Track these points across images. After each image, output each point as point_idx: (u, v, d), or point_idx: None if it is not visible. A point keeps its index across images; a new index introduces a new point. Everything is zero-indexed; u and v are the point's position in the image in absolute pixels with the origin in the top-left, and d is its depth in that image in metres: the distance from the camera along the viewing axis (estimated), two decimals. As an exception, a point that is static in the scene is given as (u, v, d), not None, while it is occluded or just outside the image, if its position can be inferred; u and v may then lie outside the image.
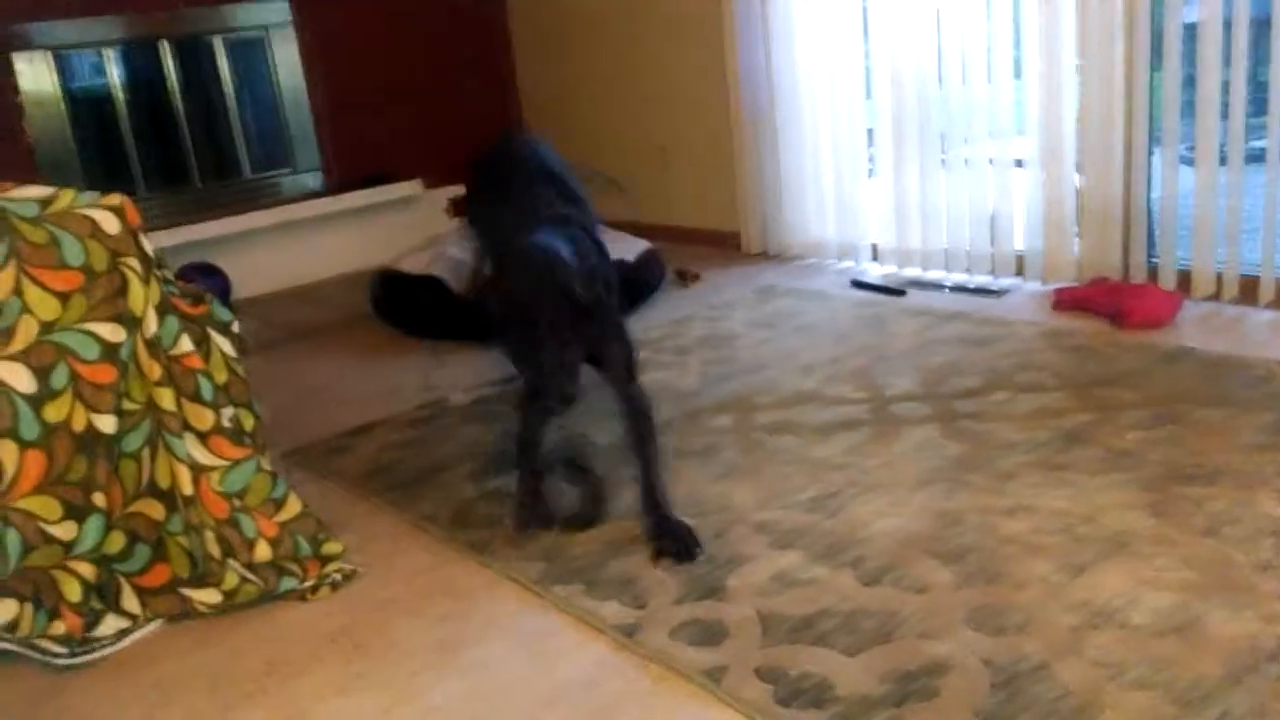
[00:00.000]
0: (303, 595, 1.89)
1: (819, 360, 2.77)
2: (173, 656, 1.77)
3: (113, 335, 1.71)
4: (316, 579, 1.90)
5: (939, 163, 3.45)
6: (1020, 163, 3.26)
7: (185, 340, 1.81)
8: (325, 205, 4.36)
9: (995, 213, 3.37)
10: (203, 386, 1.82)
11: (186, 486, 1.80)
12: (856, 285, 3.48)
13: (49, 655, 1.73)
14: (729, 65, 3.89)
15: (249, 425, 1.89)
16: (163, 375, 1.77)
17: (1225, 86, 2.77)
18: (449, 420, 2.65)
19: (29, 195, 1.71)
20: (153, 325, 1.76)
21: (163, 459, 1.79)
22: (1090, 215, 3.12)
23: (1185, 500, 1.89)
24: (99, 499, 1.72)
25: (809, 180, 3.80)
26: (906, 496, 2.01)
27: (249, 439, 1.87)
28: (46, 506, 1.67)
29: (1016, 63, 3.22)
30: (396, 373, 3.10)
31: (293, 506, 1.91)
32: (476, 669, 1.64)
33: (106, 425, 1.71)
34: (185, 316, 1.82)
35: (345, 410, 2.81)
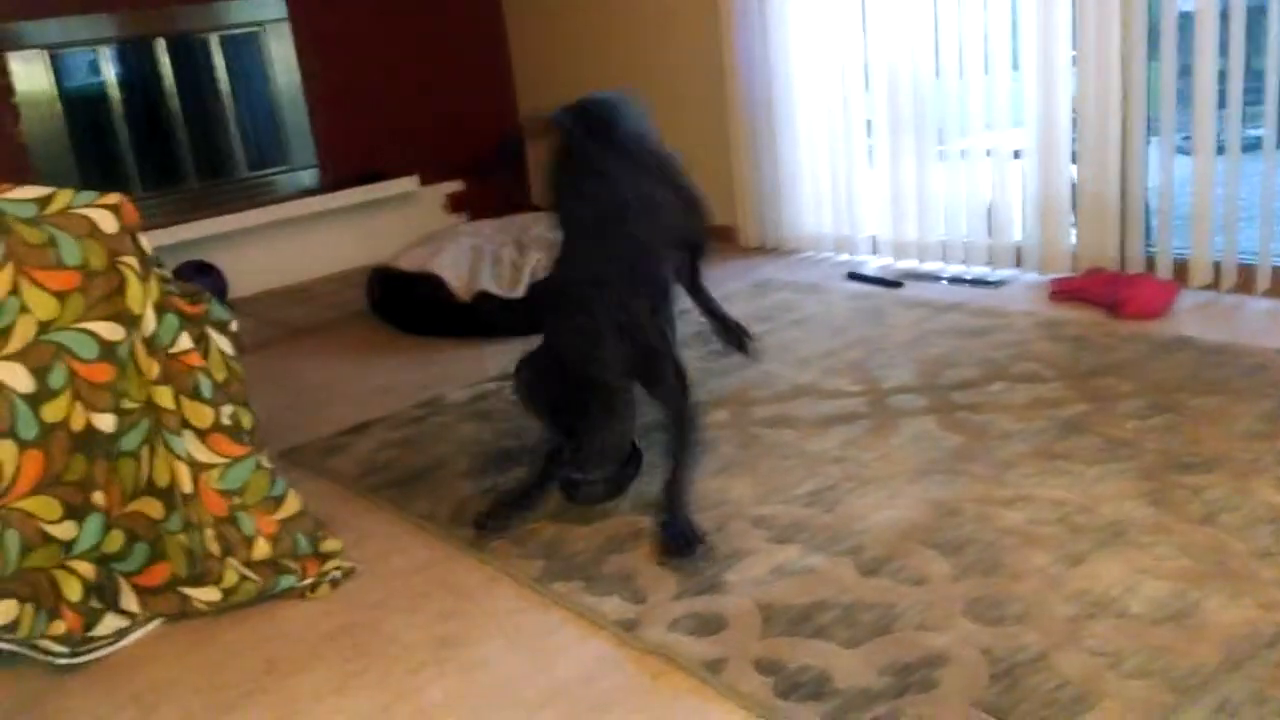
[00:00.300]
0: (301, 593, 1.89)
1: (816, 353, 2.77)
2: (171, 655, 1.77)
3: (111, 334, 1.70)
4: (315, 577, 1.90)
5: (936, 155, 3.45)
6: (1018, 154, 3.26)
7: (184, 338, 1.81)
8: (321, 203, 4.35)
9: (992, 204, 3.37)
10: (202, 384, 1.82)
11: (186, 484, 1.80)
12: (853, 278, 3.48)
13: (49, 655, 1.73)
14: (726, 58, 3.88)
15: (247, 423, 1.89)
16: (161, 373, 1.77)
17: (1221, 75, 2.77)
18: (446, 418, 2.64)
19: (26, 195, 1.71)
20: (151, 323, 1.75)
21: (161, 457, 1.79)
22: (1086, 205, 3.12)
23: (1183, 489, 1.89)
24: (98, 498, 1.72)
25: (805, 173, 3.79)
26: (904, 488, 2.01)
27: (248, 437, 1.87)
28: (46, 506, 1.66)
29: (1014, 54, 3.21)
30: (393, 371, 3.09)
31: (291, 504, 1.92)
32: (476, 666, 1.64)
33: (105, 424, 1.71)
34: (184, 314, 1.82)
35: (342, 408, 2.81)
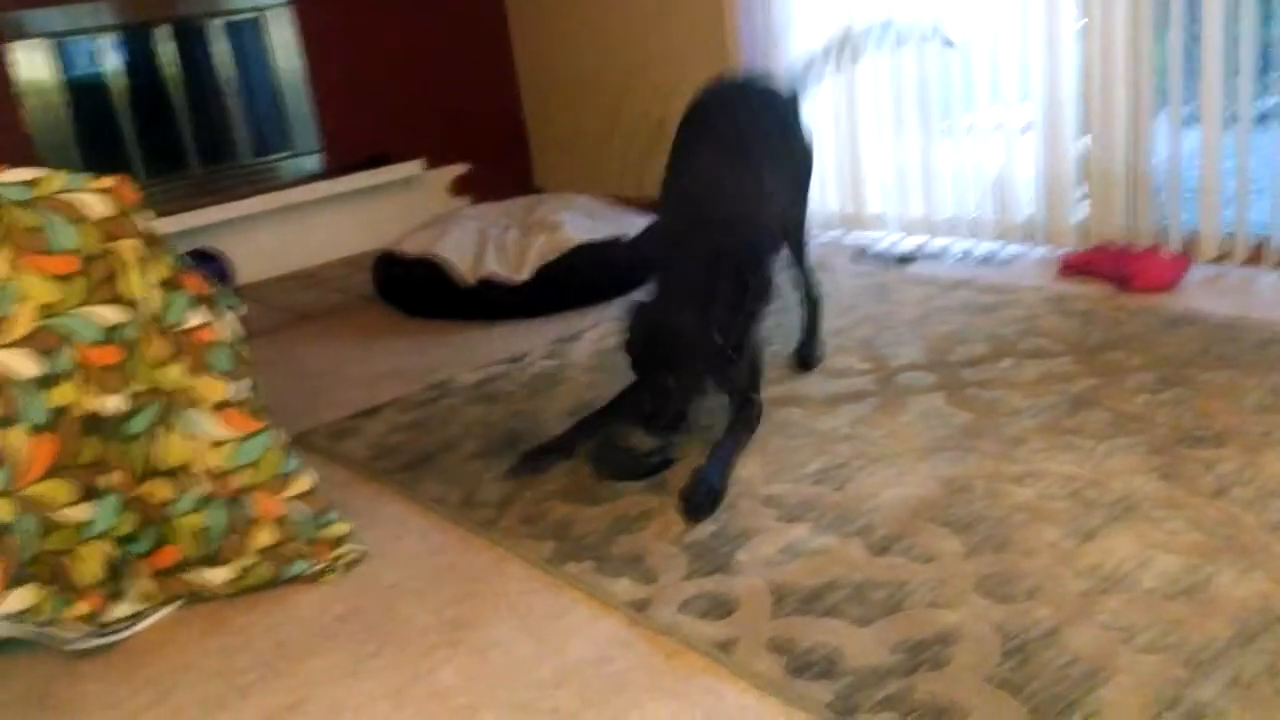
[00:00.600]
0: (313, 578, 1.89)
1: (824, 331, 2.76)
2: (185, 640, 1.78)
3: (115, 316, 1.70)
4: (329, 561, 1.91)
5: (943, 130, 3.42)
6: (1028, 128, 3.23)
7: (196, 314, 1.80)
8: (325, 188, 4.34)
9: (1000, 179, 3.34)
10: (216, 359, 1.81)
11: (204, 460, 1.79)
12: (860, 255, 3.46)
13: (70, 636, 1.74)
14: (729, 36, 3.86)
15: (257, 403, 1.88)
16: (170, 353, 1.77)
17: (1234, 44, 2.73)
18: (455, 400, 2.64)
19: (17, 178, 1.69)
20: (156, 302, 1.75)
21: (174, 437, 1.78)
22: (1095, 179, 3.09)
23: (1194, 463, 1.88)
24: (113, 479, 1.72)
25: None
26: (914, 466, 2.01)
27: (262, 413, 1.87)
28: (59, 490, 1.67)
29: (1024, 26, 3.18)
30: (401, 355, 3.09)
31: (303, 482, 1.90)
32: (488, 648, 1.65)
33: (116, 406, 1.70)
34: (195, 292, 1.81)
35: (350, 392, 2.81)
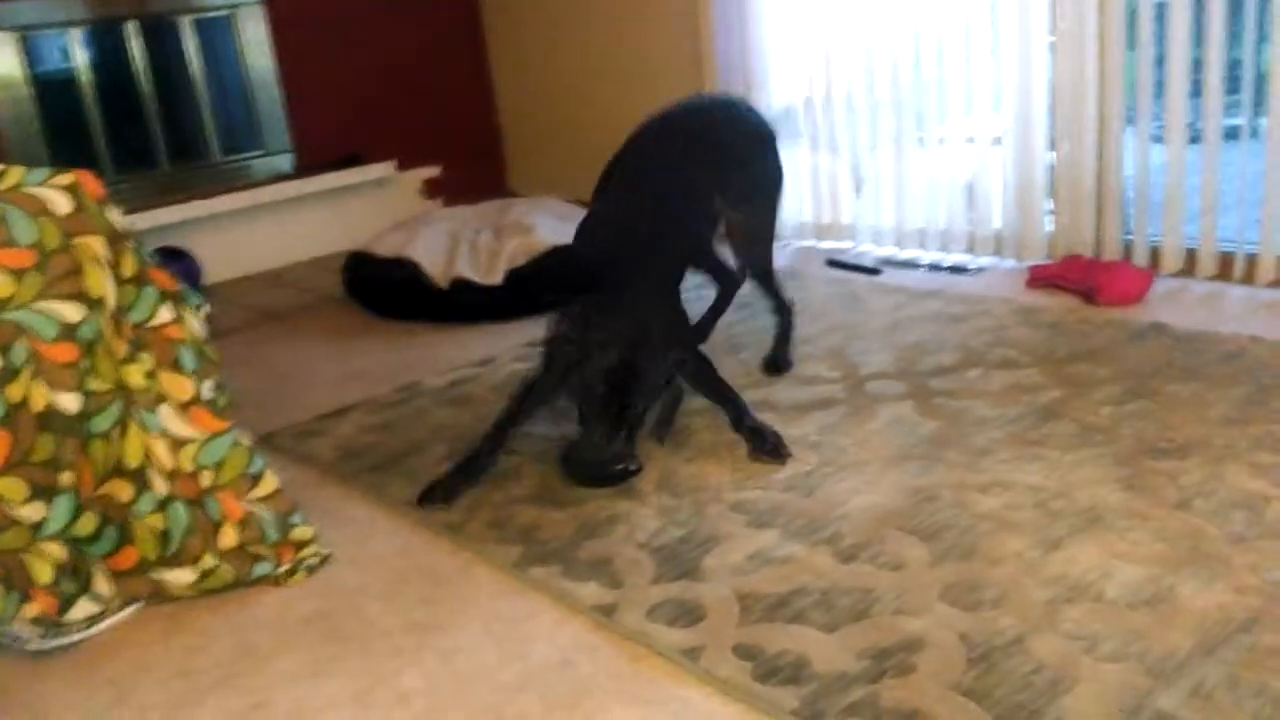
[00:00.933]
0: (276, 580, 1.87)
1: (794, 339, 2.77)
2: (146, 641, 1.75)
3: (73, 314, 1.67)
4: (291, 563, 1.89)
5: (914, 141, 3.45)
6: (999, 140, 3.26)
7: (164, 310, 1.78)
8: (296, 187, 4.30)
9: (970, 191, 3.37)
10: (183, 357, 1.79)
11: (168, 461, 1.77)
12: (832, 265, 3.48)
13: (21, 639, 1.71)
14: (704, 44, 3.86)
15: (224, 401, 1.86)
16: (129, 352, 1.74)
17: (1198, 64, 2.77)
18: (424, 403, 2.63)
19: None
20: (112, 300, 1.72)
21: (133, 437, 1.75)
22: (1063, 192, 3.13)
23: (1158, 474, 1.90)
24: (67, 479, 1.69)
25: (785, 161, 3.78)
26: (882, 474, 2.02)
27: (228, 412, 1.85)
28: (12, 488, 1.64)
29: (995, 39, 3.21)
30: (370, 356, 3.07)
31: (268, 483, 1.88)
32: (453, 651, 1.63)
33: (70, 404, 1.68)
34: (164, 288, 1.79)
35: (318, 393, 2.79)
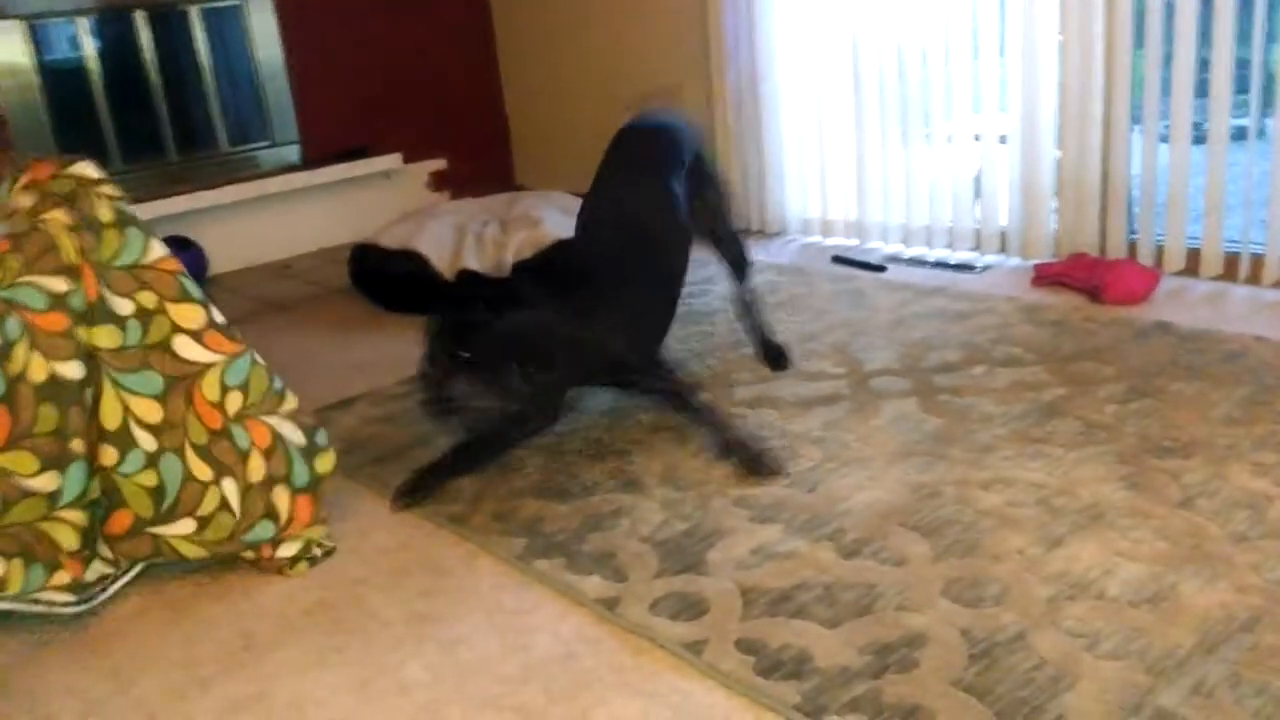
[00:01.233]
0: (279, 569, 1.88)
1: (798, 335, 2.77)
2: (147, 629, 1.76)
3: (59, 286, 1.69)
4: (298, 531, 1.87)
5: (922, 138, 3.44)
6: (1004, 139, 3.26)
7: (155, 245, 1.80)
8: (303, 179, 4.31)
9: (977, 189, 3.37)
10: (186, 286, 1.81)
11: (153, 415, 1.76)
12: (837, 261, 3.48)
13: (56, 606, 1.72)
14: (712, 42, 3.86)
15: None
16: (93, 314, 1.73)
17: (1205, 64, 2.77)
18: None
19: None
20: (110, 245, 1.74)
21: (108, 400, 1.75)
22: (1069, 191, 3.12)
23: (1161, 473, 1.90)
24: (77, 446, 1.70)
25: (790, 157, 3.78)
26: (885, 470, 2.02)
27: (239, 335, 1.86)
28: (20, 461, 1.65)
29: (1001, 38, 3.21)
30: (375, 348, 3.08)
31: (291, 400, 1.90)
32: (455, 643, 1.64)
33: (71, 371, 1.69)
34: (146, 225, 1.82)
35: (323, 385, 2.79)
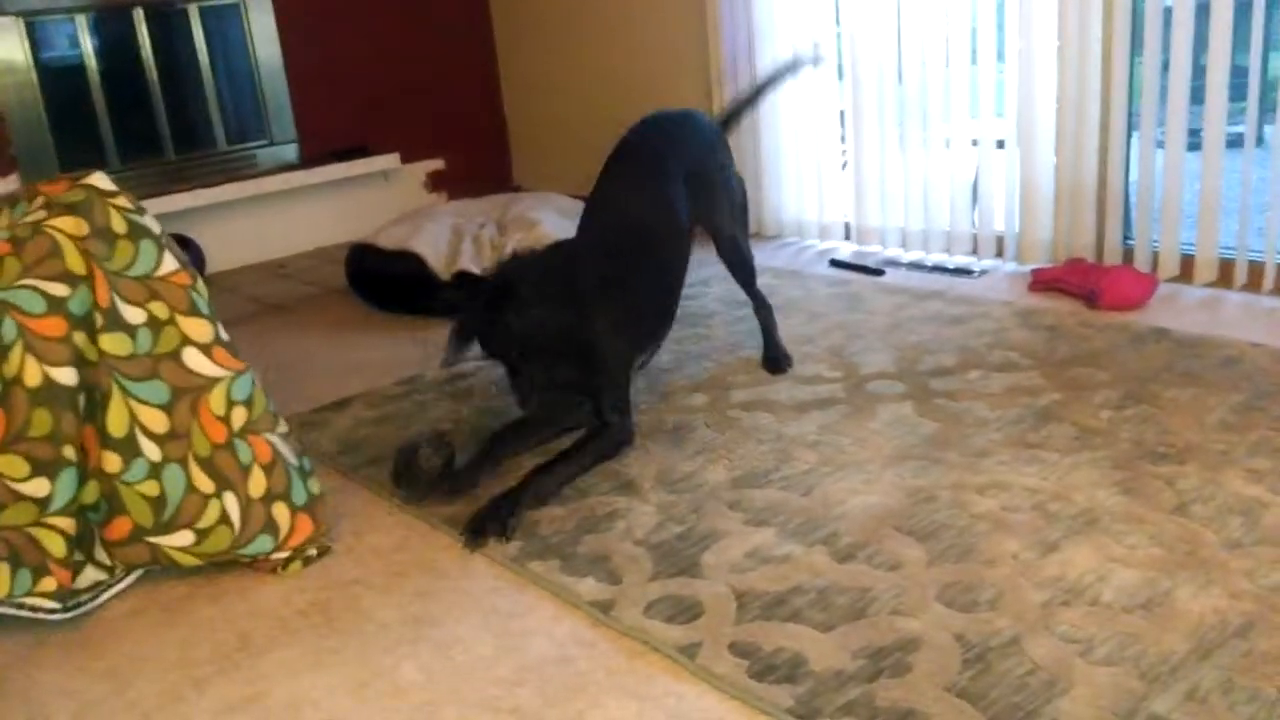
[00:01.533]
0: (274, 569, 1.88)
1: (794, 338, 2.77)
2: (143, 630, 1.76)
3: (59, 290, 1.69)
4: (299, 541, 1.88)
5: (919, 143, 3.45)
6: (1001, 144, 3.26)
7: (168, 259, 1.80)
8: (301, 178, 4.31)
9: (974, 193, 3.37)
10: (196, 301, 1.81)
11: (160, 425, 1.76)
12: (834, 265, 3.48)
13: (40, 612, 1.72)
14: (710, 42, 3.86)
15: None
16: (104, 322, 1.73)
17: (1202, 70, 2.78)
18: (425, 396, 2.63)
19: None
20: (124, 256, 1.74)
21: (116, 406, 1.75)
22: (1065, 196, 3.13)
23: (1155, 478, 1.91)
24: (69, 452, 1.70)
25: (788, 160, 3.78)
26: (879, 474, 2.02)
27: (240, 354, 1.87)
28: (11, 465, 1.65)
29: (999, 44, 3.22)
30: (372, 348, 3.08)
31: (283, 423, 1.92)
32: (451, 645, 1.64)
33: (65, 377, 1.68)
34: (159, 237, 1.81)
35: (319, 385, 2.80)
